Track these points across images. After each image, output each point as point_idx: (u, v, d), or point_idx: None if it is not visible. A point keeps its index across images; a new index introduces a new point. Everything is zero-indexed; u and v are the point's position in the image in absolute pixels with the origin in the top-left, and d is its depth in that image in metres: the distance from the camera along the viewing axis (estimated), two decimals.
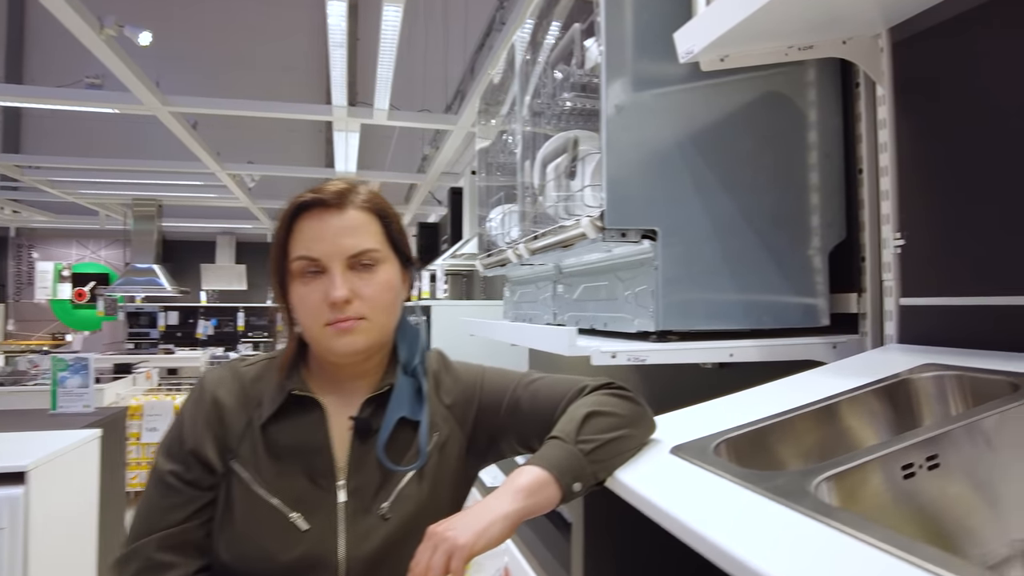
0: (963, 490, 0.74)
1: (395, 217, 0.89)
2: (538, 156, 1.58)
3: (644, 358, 1.15)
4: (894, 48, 1.19)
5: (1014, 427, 0.77)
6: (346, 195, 0.85)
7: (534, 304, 1.94)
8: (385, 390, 0.87)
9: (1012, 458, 0.77)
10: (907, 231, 1.18)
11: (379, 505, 0.83)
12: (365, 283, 0.83)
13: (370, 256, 0.84)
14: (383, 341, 0.88)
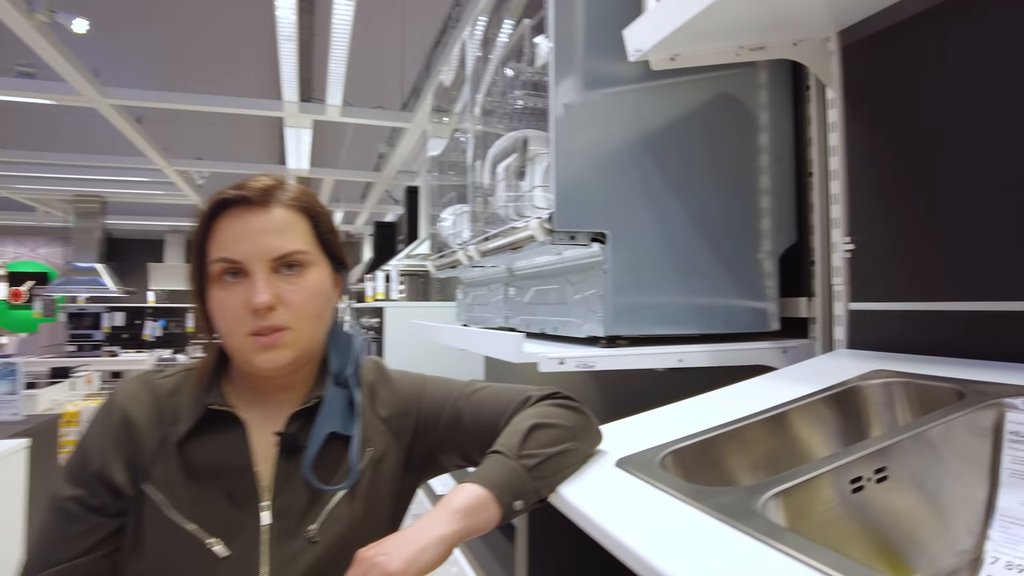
0: (911, 502, 0.72)
1: (325, 216, 0.83)
2: (488, 155, 1.53)
3: (593, 364, 1.12)
4: (844, 51, 1.18)
5: (959, 436, 0.76)
6: (271, 192, 0.78)
7: (486, 307, 1.89)
8: (314, 403, 0.81)
9: (957, 468, 0.75)
10: (857, 235, 1.18)
11: (307, 527, 0.77)
12: (291, 288, 0.77)
13: (297, 258, 0.78)
14: (311, 352, 0.82)
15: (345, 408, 0.83)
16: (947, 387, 0.83)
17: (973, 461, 0.76)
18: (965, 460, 0.76)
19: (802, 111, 1.34)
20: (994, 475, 0.75)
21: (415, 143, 4.57)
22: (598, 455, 0.85)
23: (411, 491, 0.89)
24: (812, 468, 0.68)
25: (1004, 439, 0.74)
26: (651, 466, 0.78)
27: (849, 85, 1.18)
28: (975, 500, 0.75)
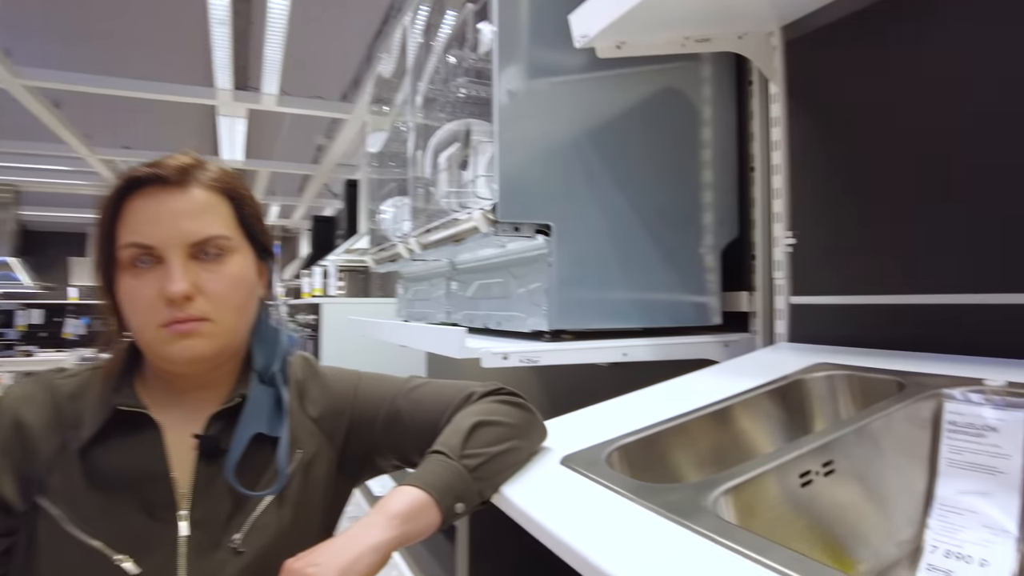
0: (855, 495, 0.72)
1: (250, 199, 0.76)
2: (429, 145, 1.48)
3: (537, 359, 1.09)
4: (787, 46, 1.18)
5: (900, 428, 0.76)
6: (190, 171, 0.72)
7: (428, 302, 1.84)
8: (236, 403, 0.75)
9: (899, 459, 0.76)
10: (798, 230, 1.18)
11: (230, 537, 0.70)
12: (211, 276, 0.70)
13: (217, 244, 0.71)
14: (233, 346, 0.75)
15: (272, 408, 0.77)
16: (888, 379, 0.84)
17: (913, 452, 0.76)
18: (906, 451, 0.76)
19: (745, 106, 1.34)
20: (933, 465, 0.75)
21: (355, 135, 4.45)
22: (542, 452, 0.81)
23: (345, 495, 0.84)
24: (762, 463, 0.66)
25: (942, 429, 0.75)
26: (597, 463, 0.75)
27: (792, 80, 1.18)
28: (915, 490, 0.75)
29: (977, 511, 0.70)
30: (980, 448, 0.71)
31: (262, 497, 0.72)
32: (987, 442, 0.71)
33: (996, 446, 0.70)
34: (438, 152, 1.44)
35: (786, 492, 0.66)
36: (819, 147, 1.14)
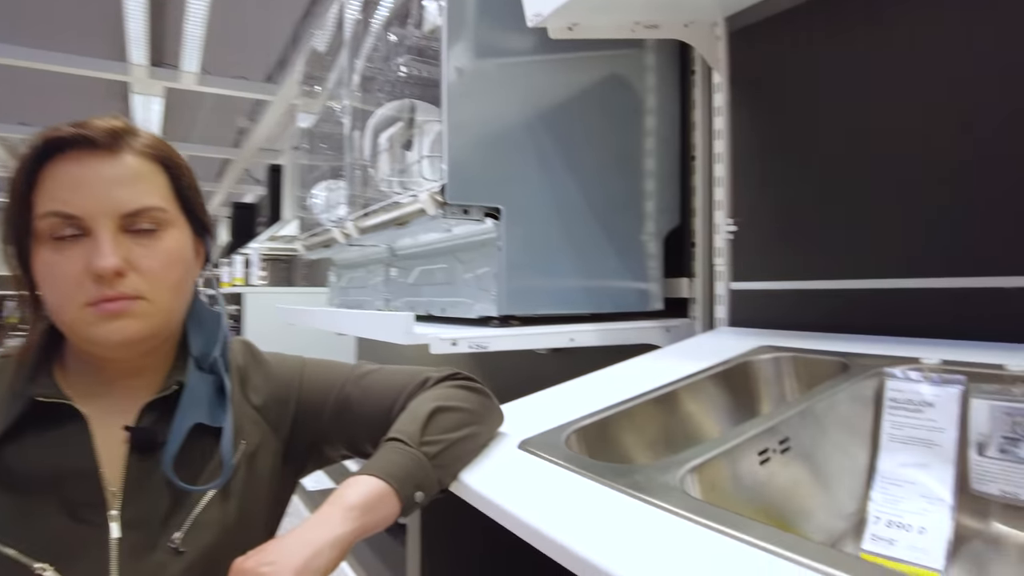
0: (808, 471, 0.74)
1: (187, 170, 0.70)
2: (369, 124, 1.43)
3: (486, 345, 1.07)
4: (731, 37, 1.21)
5: (845, 406, 0.79)
6: (121, 135, 0.65)
7: (364, 289, 1.78)
8: (172, 391, 0.69)
9: (845, 436, 0.78)
10: (739, 218, 1.21)
11: (169, 536, 0.64)
12: (145, 252, 0.64)
13: (153, 217, 0.65)
14: (168, 329, 0.69)
15: (211, 396, 0.71)
16: (833, 360, 0.87)
17: (857, 428, 0.79)
18: (850, 428, 0.79)
19: (687, 95, 1.36)
20: (875, 440, 0.78)
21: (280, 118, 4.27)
22: (498, 438, 0.80)
23: (290, 489, 0.79)
24: (723, 442, 0.67)
25: (884, 406, 0.78)
26: (557, 447, 0.74)
27: (735, 70, 1.21)
28: (859, 465, 0.78)
29: (916, 482, 0.74)
30: (918, 423, 0.75)
31: (204, 492, 0.67)
32: (924, 417, 0.75)
33: (932, 420, 0.74)
34: (378, 132, 1.39)
35: (747, 469, 0.67)
36: (760, 137, 1.17)
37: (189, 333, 0.73)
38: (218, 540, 0.66)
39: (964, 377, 0.73)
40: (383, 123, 1.38)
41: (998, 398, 0.70)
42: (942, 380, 0.74)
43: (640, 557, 0.47)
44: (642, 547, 0.49)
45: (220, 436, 0.70)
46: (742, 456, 0.67)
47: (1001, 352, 0.76)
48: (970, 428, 0.72)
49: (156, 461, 0.66)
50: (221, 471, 0.68)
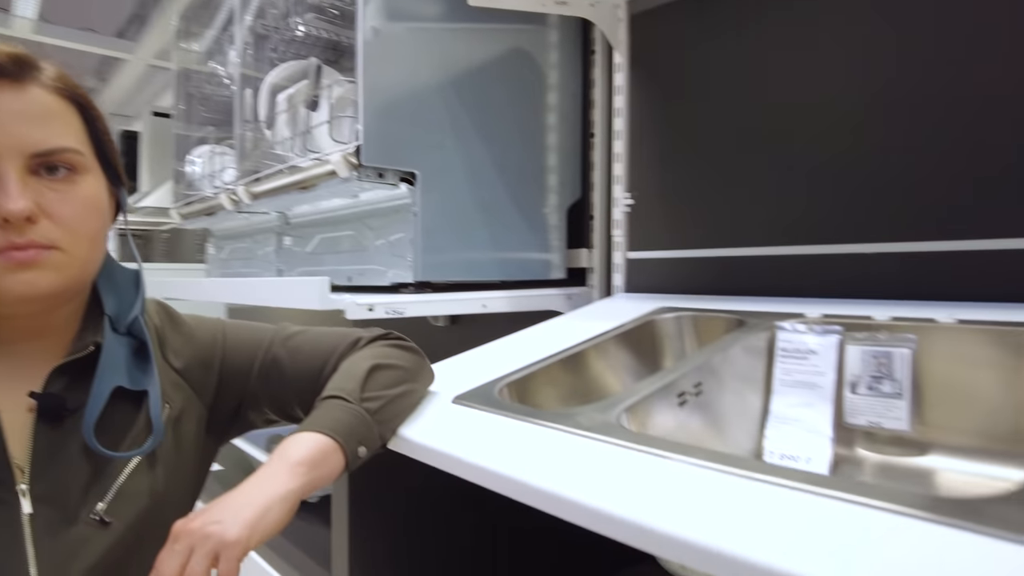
0: (716, 412, 0.82)
1: (100, 113, 0.64)
2: (265, 83, 1.36)
3: (403, 310, 1.07)
4: (632, 19, 1.28)
5: (743, 357, 0.88)
6: (28, 66, 0.58)
7: (251, 261, 1.70)
8: (87, 353, 0.63)
9: (746, 381, 0.88)
10: (635, 192, 1.30)
11: (91, 508, 0.60)
12: (59, 197, 0.58)
13: (67, 159, 0.59)
14: (82, 284, 0.64)
15: (129, 359, 0.66)
16: (729, 317, 0.96)
17: (752, 376, 0.89)
18: (746, 376, 0.88)
19: (588, 74, 1.43)
20: (768, 386, 0.89)
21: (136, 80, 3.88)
22: (429, 396, 0.81)
23: (213, 455, 0.76)
24: (649, 385, 0.73)
25: (775, 356, 0.88)
26: (491, 399, 0.76)
27: (634, 51, 1.28)
28: (754, 408, 0.88)
29: (802, 419, 0.85)
30: (804, 368, 0.86)
31: (128, 460, 0.63)
32: (809, 363, 0.86)
33: (816, 366, 0.85)
34: (275, 93, 1.33)
35: (669, 410, 0.74)
36: (656, 116, 1.25)
37: (101, 291, 0.67)
38: (146, 509, 0.62)
39: (841, 328, 0.84)
40: (282, 83, 1.32)
41: (867, 343, 0.82)
42: (823, 331, 0.85)
43: (594, 484, 0.51)
44: (595, 475, 0.53)
45: (140, 402, 0.65)
46: (665, 398, 0.74)
47: (868, 306, 0.89)
48: (845, 371, 0.83)
49: (68, 430, 0.61)
50: (145, 438, 0.64)
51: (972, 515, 0.38)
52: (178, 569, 0.50)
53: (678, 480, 0.50)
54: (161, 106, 4.06)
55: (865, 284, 0.93)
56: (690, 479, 0.50)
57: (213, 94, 1.83)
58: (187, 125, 1.95)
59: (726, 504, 0.46)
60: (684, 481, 0.50)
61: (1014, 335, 0.71)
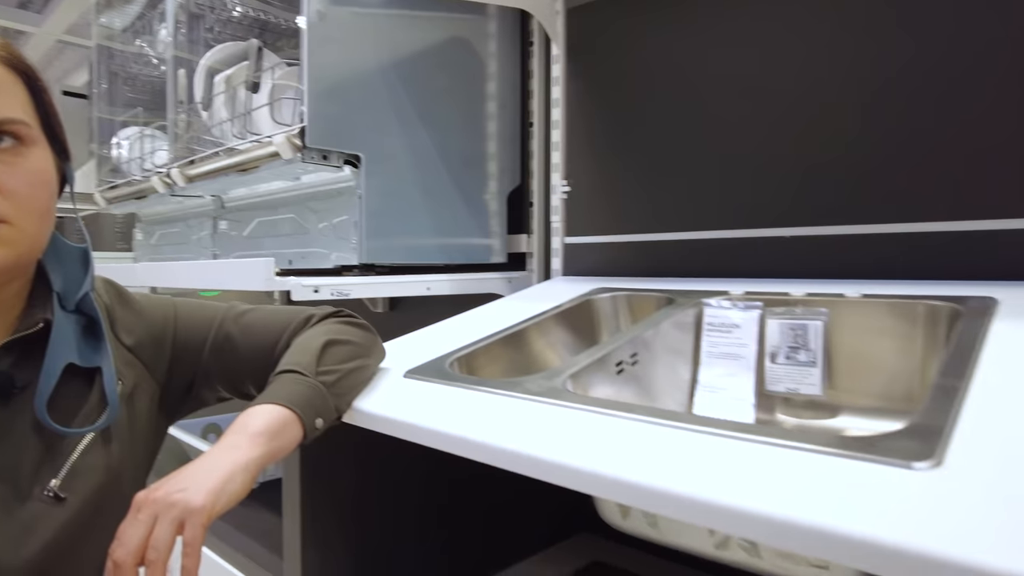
0: (649, 382, 0.89)
1: (47, 85, 0.64)
2: (201, 64, 1.33)
3: (348, 292, 1.08)
4: (569, 12, 1.33)
5: (672, 331, 0.95)
6: None
7: (184, 246, 1.66)
8: (36, 331, 0.63)
9: (676, 354, 0.95)
10: (572, 179, 1.35)
11: (44, 485, 0.59)
12: (7, 170, 0.57)
13: (15, 131, 0.58)
14: (30, 260, 0.63)
15: (79, 336, 0.66)
16: (659, 295, 1.03)
17: (682, 349, 0.96)
18: (676, 349, 0.95)
19: (526, 65, 1.47)
20: (696, 358, 0.96)
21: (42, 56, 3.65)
22: (380, 372, 0.84)
23: (163, 433, 0.76)
24: (591, 354, 0.78)
25: (703, 330, 0.95)
26: (443, 372, 0.80)
27: (571, 43, 1.33)
28: (684, 378, 0.95)
29: (727, 388, 0.92)
30: (728, 341, 0.93)
31: (81, 436, 0.63)
32: (733, 336, 0.93)
33: (739, 338, 0.93)
34: (213, 74, 1.30)
35: (608, 377, 0.79)
36: (592, 106, 1.31)
37: (48, 268, 0.67)
38: (102, 485, 0.63)
39: (762, 303, 0.92)
40: (220, 63, 1.30)
41: (785, 317, 0.90)
42: (746, 306, 0.93)
43: (547, 440, 0.56)
44: (547, 433, 0.58)
45: (92, 379, 0.65)
46: (604, 367, 0.79)
47: (786, 284, 0.97)
48: (766, 342, 0.91)
49: (16, 408, 0.61)
50: (98, 414, 0.64)
51: (868, 447, 0.45)
52: (142, 538, 0.52)
53: (621, 433, 0.55)
54: (73, 85, 3.84)
55: (783, 264, 1.02)
56: (632, 432, 0.55)
57: (140, 74, 1.76)
58: (110, 107, 1.87)
59: (664, 450, 0.51)
60: (627, 433, 0.55)
61: (910, 307, 0.80)
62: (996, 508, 0.37)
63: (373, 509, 0.93)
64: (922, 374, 0.78)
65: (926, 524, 0.36)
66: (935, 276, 0.87)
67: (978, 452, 0.43)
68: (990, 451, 0.43)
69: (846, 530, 0.38)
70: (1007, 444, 0.43)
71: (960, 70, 0.86)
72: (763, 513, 0.41)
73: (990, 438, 0.44)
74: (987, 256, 0.83)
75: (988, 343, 0.60)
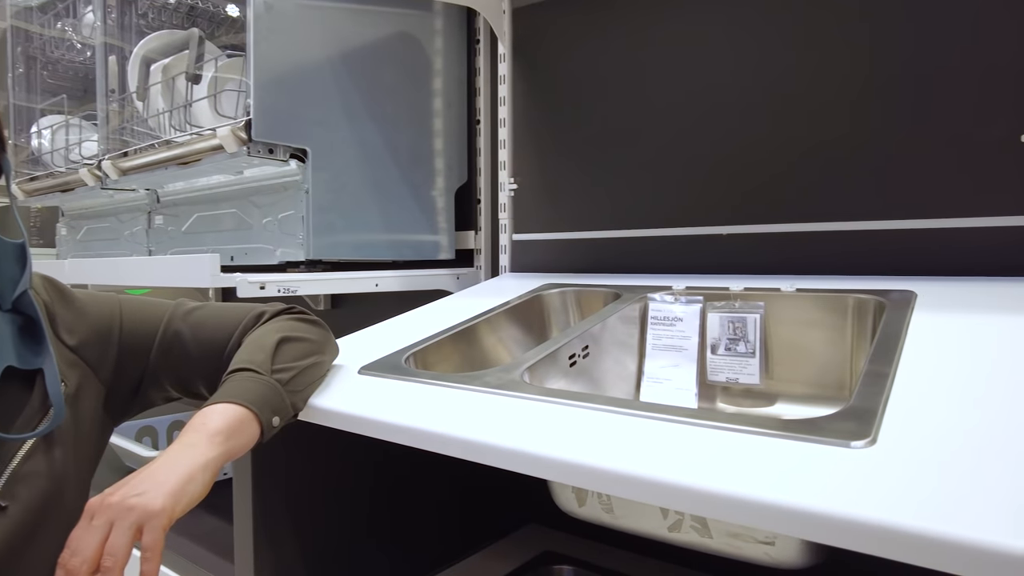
0: (601, 373, 0.92)
1: None
2: (136, 52, 1.28)
3: (295, 289, 1.07)
4: (515, 12, 1.34)
5: (621, 324, 0.98)
6: None
7: (115, 242, 1.59)
8: None
9: (622, 346, 0.98)
10: (520, 177, 1.37)
11: None
12: None
13: None
14: None
15: (16, 337, 0.63)
16: (607, 290, 1.06)
17: (628, 342, 0.99)
18: (622, 342, 0.99)
19: (472, 62, 1.48)
20: (641, 350, 0.99)
21: None
22: (334, 369, 0.83)
23: (109, 435, 0.73)
24: (543, 349, 0.80)
25: (648, 323, 0.99)
26: (399, 368, 0.80)
27: (518, 42, 1.35)
28: (630, 370, 0.99)
29: (671, 379, 0.96)
30: (672, 334, 0.97)
31: (22, 442, 0.60)
32: (676, 329, 0.97)
33: (682, 331, 0.97)
34: (150, 63, 1.25)
35: (561, 369, 0.82)
36: (539, 105, 1.33)
37: None
38: (46, 492, 0.60)
39: (702, 298, 0.97)
40: (156, 52, 1.25)
41: (724, 310, 0.94)
42: (688, 300, 0.97)
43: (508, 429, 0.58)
44: (508, 423, 0.59)
45: (32, 381, 0.63)
46: (557, 361, 0.81)
47: (725, 279, 1.02)
48: (707, 335, 0.96)
49: None
50: (40, 418, 0.62)
51: (810, 429, 0.49)
52: (98, 545, 0.50)
53: (578, 421, 0.58)
54: None
55: (723, 260, 1.07)
56: (588, 420, 0.58)
57: (62, 59, 1.67)
58: (27, 93, 1.77)
59: (620, 436, 0.54)
60: (583, 421, 0.57)
61: (840, 300, 0.86)
62: (924, 479, 0.41)
63: (326, 507, 0.92)
64: (852, 363, 0.84)
65: (863, 496, 0.40)
66: (862, 271, 0.94)
67: (907, 430, 0.47)
68: (917, 429, 0.47)
69: (792, 503, 0.41)
70: (931, 422, 0.48)
71: (884, 78, 0.93)
72: (716, 491, 0.44)
73: (917, 418, 0.49)
74: (908, 253, 0.90)
75: (910, 333, 0.65)
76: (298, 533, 0.90)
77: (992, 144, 0.85)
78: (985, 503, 0.37)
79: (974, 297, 0.76)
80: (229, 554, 0.90)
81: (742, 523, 0.43)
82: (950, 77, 0.88)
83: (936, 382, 0.55)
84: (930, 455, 0.43)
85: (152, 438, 1.61)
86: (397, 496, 1.01)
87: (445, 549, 1.09)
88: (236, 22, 1.42)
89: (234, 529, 0.87)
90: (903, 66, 0.91)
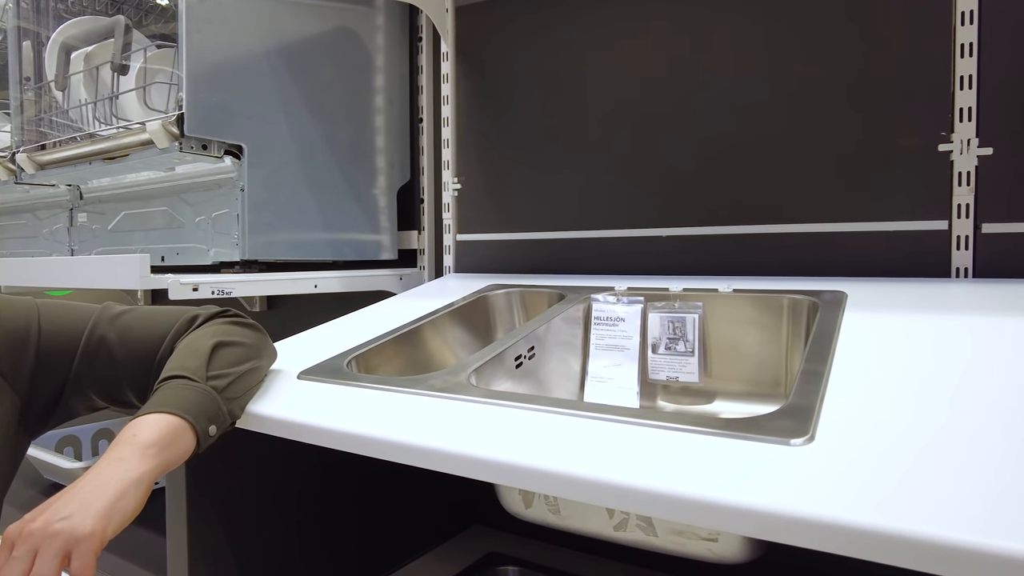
0: (546, 373, 0.92)
1: None
2: (54, 39, 1.20)
3: (230, 290, 1.03)
4: (457, 11, 1.33)
5: (566, 325, 0.99)
6: None
7: (32, 240, 1.49)
8: None
9: (566, 347, 0.99)
10: (463, 176, 1.36)
11: None
12: None
13: None
14: None
15: None
16: (551, 291, 1.07)
17: (572, 342, 1.00)
18: (566, 342, 0.99)
19: (415, 60, 1.46)
20: (585, 350, 1.00)
21: None
22: (272, 374, 0.81)
23: (25, 449, 0.69)
24: (490, 351, 0.80)
25: (591, 324, 1.00)
26: (340, 372, 0.78)
27: (461, 41, 1.34)
28: (574, 369, 0.99)
29: (614, 377, 0.97)
30: (615, 334, 0.99)
31: None
32: (619, 329, 0.99)
33: (624, 331, 0.98)
34: (70, 51, 1.18)
35: (507, 370, 0.81)
36: (482, 105, 1.33)
37: None
38: None
39: (643, 298, 0.98)
40: (78, 39, 1.18)
41: (664, 311, 0.96)
42: (630, 301, 0.99)
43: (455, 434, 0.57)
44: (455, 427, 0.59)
45: None
46: (504, 362, 0.81)
47: (665, 280, 1.04)
48: (648, 334, 0.97)
49: None
50: None
51: (750, 428, 0.50)
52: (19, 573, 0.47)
53: (523, 423, 0.58)
54: None
55: (662, 262, 1.09)
56: (533, 421, 0.58)
57: None
58: None
59: (565, 437, 0.54)
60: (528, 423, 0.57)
61: (775, 300, 0.89)
62: (860, 475, 0.42)
63: (264, 516, 0.89)
64: (787, 361, 0.87)
65: (803, 492, 0.41)
66: (795, 272, 0.97)
67: (843, 428, 0.49)
68: (853, 426, 0.49)
69: (736, 502, 0.42)
70: (866, 420, 0.50)
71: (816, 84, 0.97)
72: (662, 491, 0.45)
73: (852, 415, 0.51)
74: (838, 254, 0.94)
75: (842, 332, 0.68)
76: (234, 545, 0.86)
77: (913, 152, 0.89)
78: (918, 496, 0.39)
79: (900, 297, 0.80)
80: (162, 568, 0.86)
81: (687, 522, 0.44)
82: (874, 88, 0.92)
83: (869, 380, 0.57)
84: (865, 451, 0.45)
85: (75, 448, 1.52)
86: (338, 503, 0.98)
87: (389, 554, 1.07)
88: (166, 11, 1.35)
89: (167, 542, 0.83)
90: (837, 75, 0.95)
